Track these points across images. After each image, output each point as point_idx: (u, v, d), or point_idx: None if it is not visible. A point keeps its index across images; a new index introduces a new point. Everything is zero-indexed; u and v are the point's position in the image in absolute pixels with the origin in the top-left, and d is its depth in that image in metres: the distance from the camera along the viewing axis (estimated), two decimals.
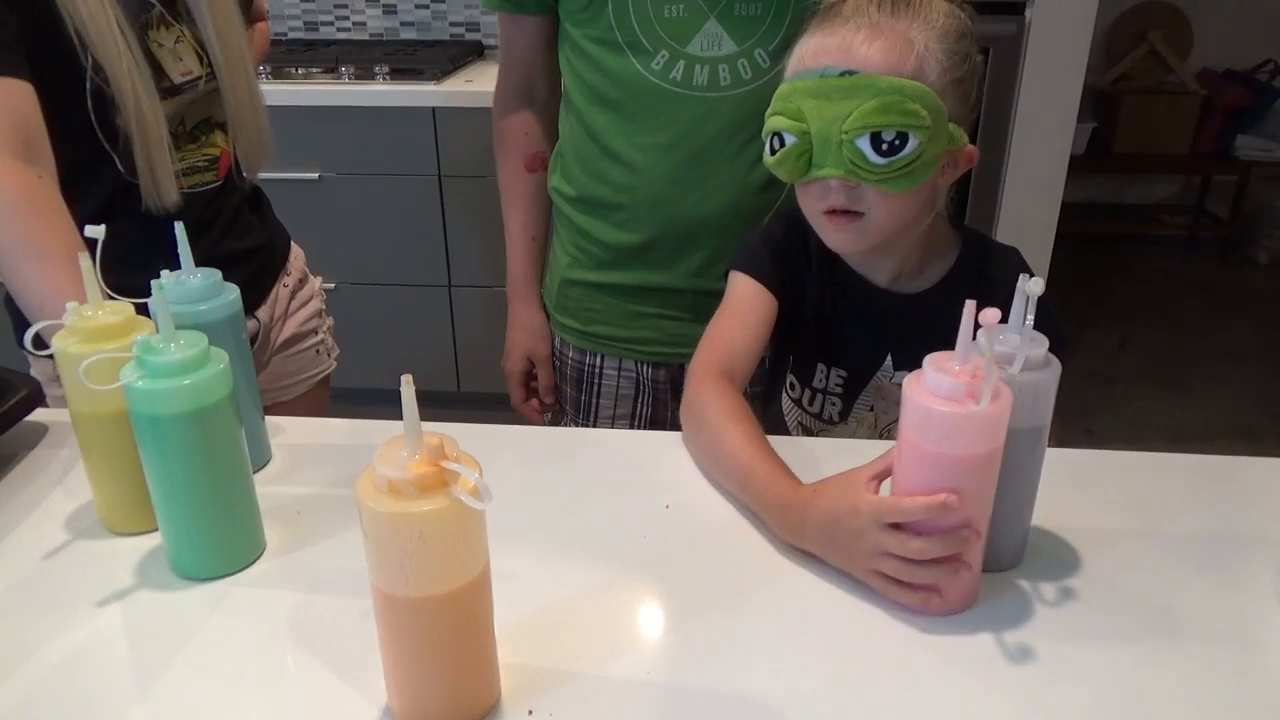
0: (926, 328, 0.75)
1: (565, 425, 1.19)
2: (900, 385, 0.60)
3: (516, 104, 1.13)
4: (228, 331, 0.73)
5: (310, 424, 0.88)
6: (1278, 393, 2.79)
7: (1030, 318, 0.57)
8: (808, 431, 0.94)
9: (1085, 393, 2.75)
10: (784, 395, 0.96)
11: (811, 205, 0.81)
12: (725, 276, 1.02)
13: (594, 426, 1.15)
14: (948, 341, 0.58)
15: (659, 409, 1.14)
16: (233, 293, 0.76)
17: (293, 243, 1.21)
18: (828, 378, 0.90)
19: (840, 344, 0.90)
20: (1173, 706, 0.56)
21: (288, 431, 0.86)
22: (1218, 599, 0.65)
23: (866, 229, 0.79)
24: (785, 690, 0.57)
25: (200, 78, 0.99)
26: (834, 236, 0.81)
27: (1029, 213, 2.20)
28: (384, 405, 0.89)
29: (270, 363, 1.15)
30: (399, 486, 0.48)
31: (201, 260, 0.75)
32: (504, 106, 1.14)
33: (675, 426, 1.15)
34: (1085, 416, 2.62)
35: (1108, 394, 2.76)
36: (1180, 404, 2.71)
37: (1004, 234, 2.21)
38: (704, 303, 1.03)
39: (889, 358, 0.88)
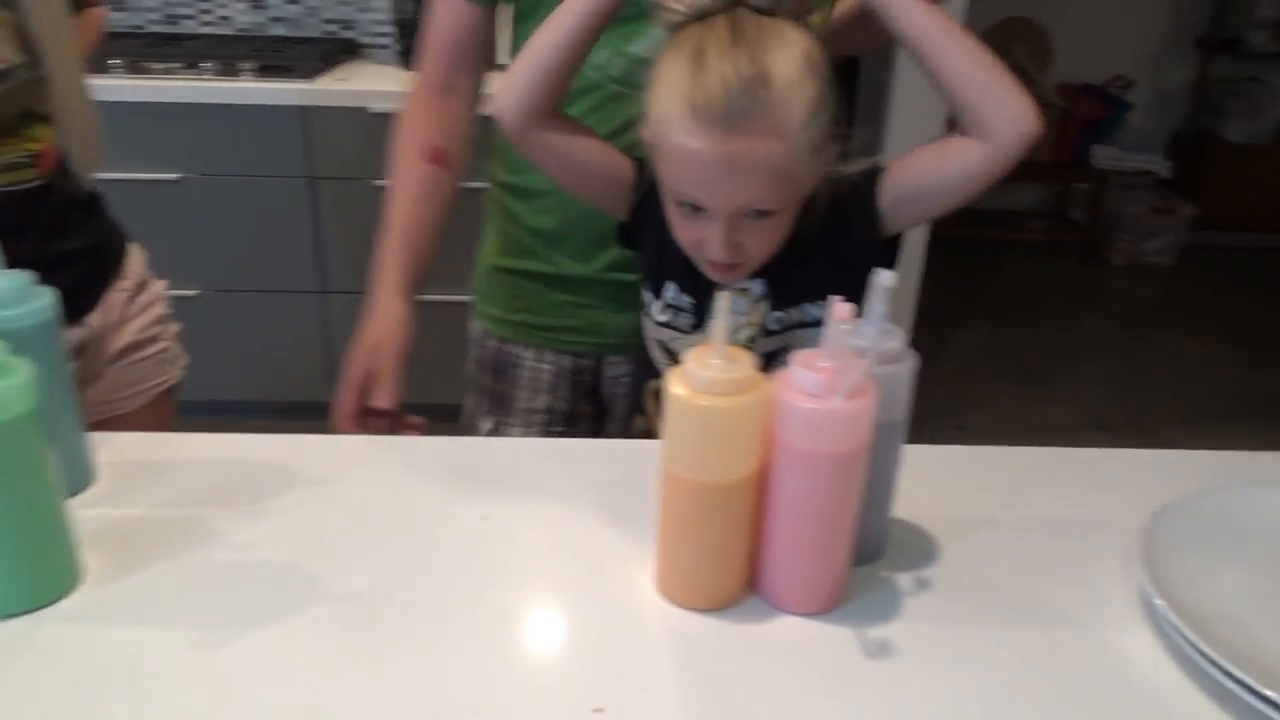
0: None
1: (480, 419, 1.16)
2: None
3: (433, 97, 1.03)
4: (39, 340, 0.66)
5: (144, 439, 0.82)
6: (1130, 386, 2.96)
7: (881, 307, 0.57)
8: (664, 346, 0.92)
9: (956, 390, 2.85)
10: (644, 319, 0.94)
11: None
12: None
13: (510, 418, 1.13)
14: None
15: (577, 402, 1.13)
16: (47, 297, 0.69)
17: (131, 245, 1.13)
18: (679, 295, 0.89)
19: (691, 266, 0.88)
20: (1025, 692, 0.57)
21: (118, 448, 0.79)
22: (1068, 584, 0.67)
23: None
24: (633, 700, 0.55)
25: (18, 66, 0.90)
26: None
27: None
28: (248, 417, 0.84)
29: (106, 373, 1.07)
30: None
31: (22, 263, 0.68)
32: (419, 97, 1.04)
33: (591, 420, 1.15)
34: (956, 413, 2.72)
35: (977, 391, 2.87)
36: (1045, 399, 2.85)
37: None
38: (623, 294, 1.02)
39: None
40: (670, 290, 0.88)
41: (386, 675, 0.57)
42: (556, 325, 1.09)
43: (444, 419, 1.15)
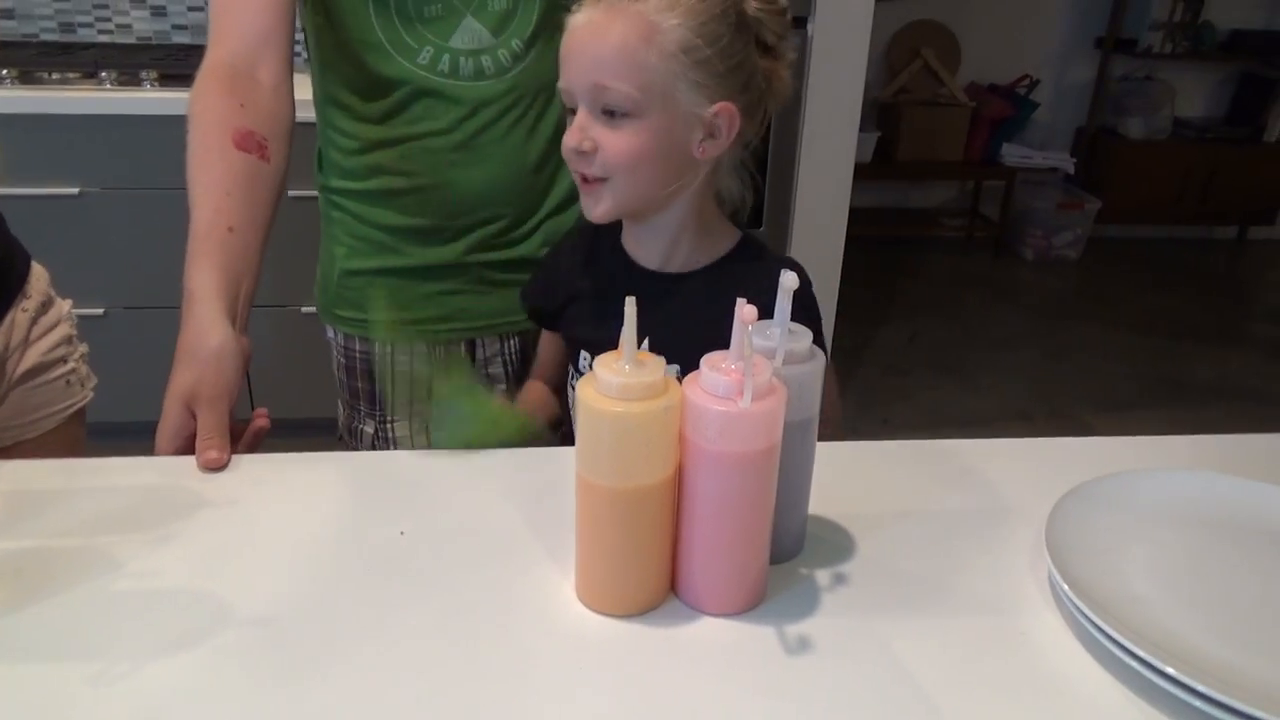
0: (687, 310, 0.82)
1: (359, 423, 1.14)
2: None
3: (236, 78, 0.91)
4: None
5: (40, 465, 0.78)
6: (1045, 376, 3.07)
7: (787, 307, 0.58)
8: None
9: (880, 385, 2.91)
10: (569, 389, 0.96)
11: None
12: (507, 247, 1.07)
13: (391, 417, 1.13)
14: (706, 325, 0.62)
15: None
16: None
17: (34, 263, 1.08)
18: (589, 364, 0.90)
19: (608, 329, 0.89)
20: (942, 680, 0.58)
21: (11, 476, 0.76)
22: (982, 573, 0.68)
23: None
24: (555, 709, 0.55)
25: None
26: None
27: (820, 218, 2.30)
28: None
29: (9, 397, 1.02)
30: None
31: None
32: (216, 77, 0.90)
33: None
34: (882, 407, 2.78)
35: (901, 385, 2.94)
36: (966, 391, 2.93)
37: (798, 238, 2.31)
38: (488, 274, 1.06)
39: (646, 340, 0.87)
40: (584, 358, 0.90)
41: (303, 701, 0.55)
42: (423, 317, 1.09)
43: (307, 433, 1.13)
